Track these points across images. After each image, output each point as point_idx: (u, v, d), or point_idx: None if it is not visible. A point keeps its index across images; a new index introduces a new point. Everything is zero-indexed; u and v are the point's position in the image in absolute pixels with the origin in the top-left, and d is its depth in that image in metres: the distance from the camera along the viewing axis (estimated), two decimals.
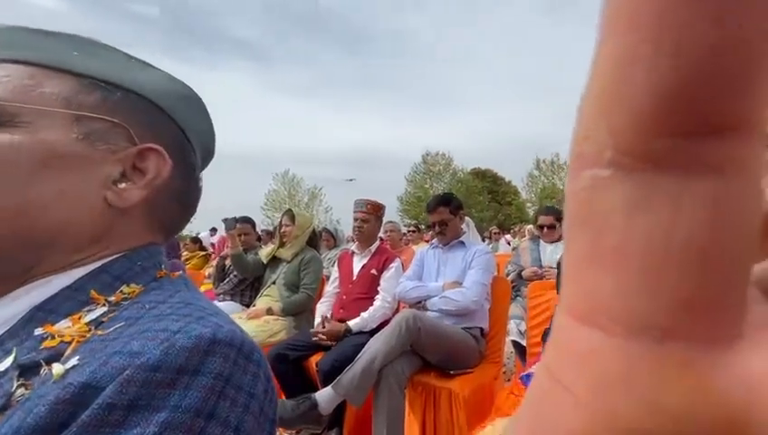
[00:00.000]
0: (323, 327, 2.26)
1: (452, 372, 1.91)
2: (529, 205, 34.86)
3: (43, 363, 0.32)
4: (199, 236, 6.69)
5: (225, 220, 3.01)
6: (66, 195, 0.40)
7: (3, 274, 0.39)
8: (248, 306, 2.95)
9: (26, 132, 0.38)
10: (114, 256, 0.43)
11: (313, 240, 3.13)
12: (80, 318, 0.36)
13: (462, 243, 2.25)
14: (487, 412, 1.93)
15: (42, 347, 0.34)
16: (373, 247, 2.59)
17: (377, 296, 2.40)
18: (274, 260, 3.00)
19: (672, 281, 0.07)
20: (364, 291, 2.44)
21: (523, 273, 2.94)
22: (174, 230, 0.52)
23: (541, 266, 2.86)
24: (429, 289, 2.12)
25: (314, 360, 2.16)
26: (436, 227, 2.23)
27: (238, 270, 3.05)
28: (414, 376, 1.90)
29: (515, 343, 2.66)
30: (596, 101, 0.08)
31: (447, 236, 2.24)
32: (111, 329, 0.34)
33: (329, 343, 2.20)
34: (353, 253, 2.66)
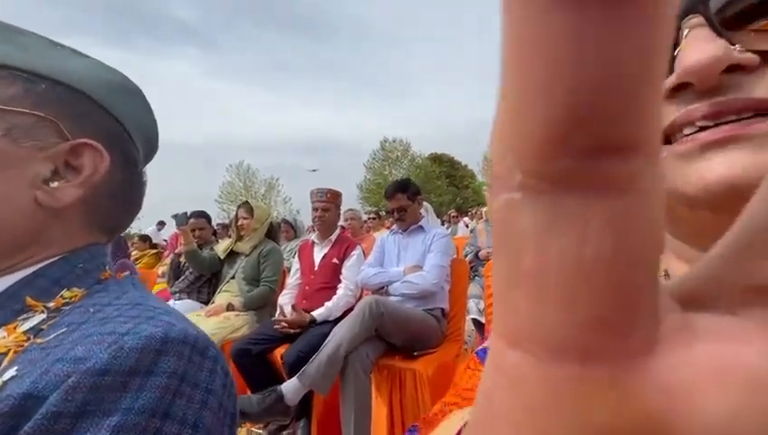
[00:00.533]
0: (285, 316, 2.24)
1: (415, 354, 1.96)
2: (485, 188, 35.95)
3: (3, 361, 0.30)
4: (147, 232, 6.34)
5: (176, 216, 2.87)
6: (42, 211, 0.37)
7: None
8: (207, 303, 2.86)
9: None
10: (51, 260, 0.40)
11: (272, 232, 3.07)
12: (15, 327, 0.34)
13: (421, 227, 2.29)
14: None
15: None
16: (333, 236, 2.58)
17: (339, 285, 2.40)
18: (232, 254, 2.91)
19: (585, 301, 0.07)
20: (326, 280, 2.44)
21: (479, 253, 3.05)
22: (117, 229, 0.50)
23: None
24: (391, 275, 2.16)
25: (278, 352, 2.14)
26: (395, 214, 2.25)
27: (194, 267, 2.94)
28: (379, 360, 1.94)
29: (475, 321, 2.78)
30: (504, 127, 0.08)
31: (407, 221, 2.27)
32: (52, 336, 0.32)
33: (292, 331, 2.18)
34: (314, 243, 2.63)
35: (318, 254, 2.56)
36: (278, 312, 2.43)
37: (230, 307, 2.61)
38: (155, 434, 0.28)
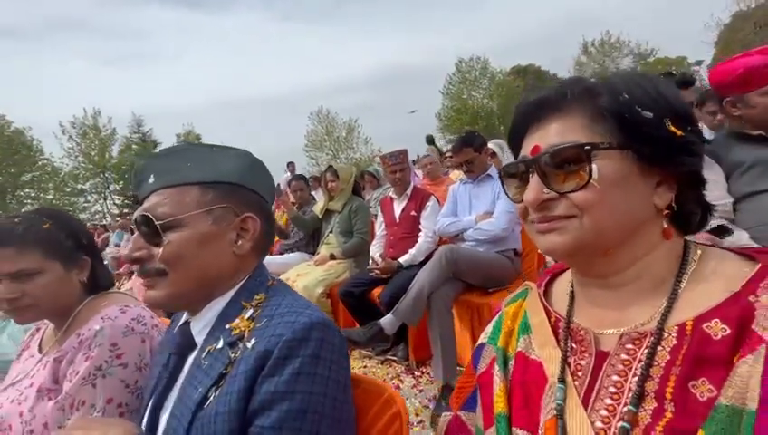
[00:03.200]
0: (377, 265, 2.67)
1: (490, 290, 2.25)
2: None
3: (239, 342, 0.67)
4: None
5: (275, 188, 3.40)
6: (216, 257, 0.73)
7: (197, 303, 0.74)
8: (313, 254, 3.44)
9: (188, 229, 0.70)
10: (244, 280, 0.77)
11: (357, 188, 3.47)
12: (243, 317, 0.71)
13: (489, 176, 2.45)
14: None
15: (233, 334, 0.69)
16: (409, 191, 2.87)
17: (419, 234, 2.73)
18: (327, 213, 3.40)
19: None
20: (408, 231, 2.78)
21: None
22: (267, 251, 0.85)
23: None
24: (464, 223, 2.41)
25: (376, 293, 2.59)
26: (464, 167, 2.44)
27: (300, 229, 3.50)
28: (459, 296, 2.27)
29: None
30: None
31: (475, 172, 2.45)
32: (262, 323, 0.68)
33: (384, 276, 2.61)
34: (392, 198, 2.96)
35: (397, 208, 2.90)
36: (371, 261, 2.87)
37: (332, 257, 3.14)
38: (316, 365, 0.62)
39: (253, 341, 0.64)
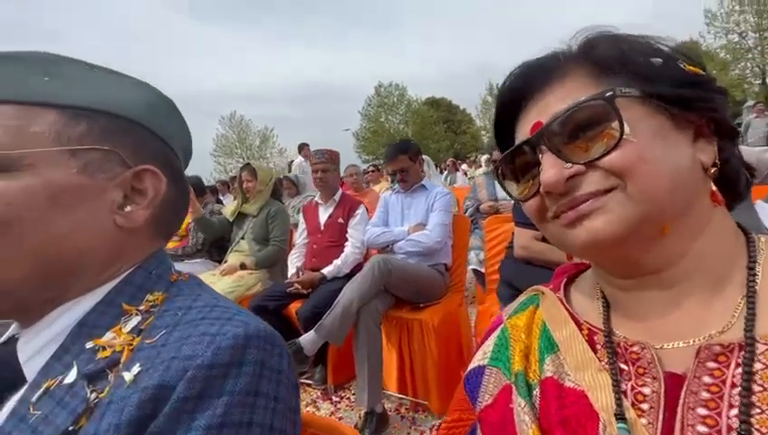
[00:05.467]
0: (298, 277, 2.38)
1: (422, 305, 2.12)
2: (483, 132, 35.33)
3: (108, 371, 0.39)
4: None
5: None
6: (80, 226, 0.44)
7: (32, 307, 0.44)
8: (219, 263, 3.00)
9: (32, 175, 0.41)
10: (130, 270, 0.48)
11: (276, 192, 3.14)
12: (120, 329, 0.43)
13: (423, 186, 2.36)
14: (455, 336, 2.19)
15: (98, 358, 0.40)
16: (337, 197, 2.65)
17: (346, 243, 2.52)
18: (240, 216, 3.00)
19: None
20: (333, 239, 2.55)
21: (480, 207, 3.14)
22: (172, 233, 0.57)
23: (496, 200, 3.06)
24: (395, 234, 2.26)
25: (293, 308, 2.29)
26: (398, 175, 2.31)
27: (206, 233, 3.03)
28: (388, 312, 2.09)
29: (475, 271, 2.93)
30: None
31: (409, 182, 2.34)
32: (157, 337, 0.41)
33: (305, 291, 2.33)
34: (317, 204, 2.71)
35: (323, 214, 2.65)
36: (290, 272, 2.57)
37: (243, 266, 2.75)
38: (252, 408, 0.38)
39: (136, 369, 0.38)
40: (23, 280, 0.41)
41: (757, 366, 0.34)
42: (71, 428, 0.35)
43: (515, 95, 0.44)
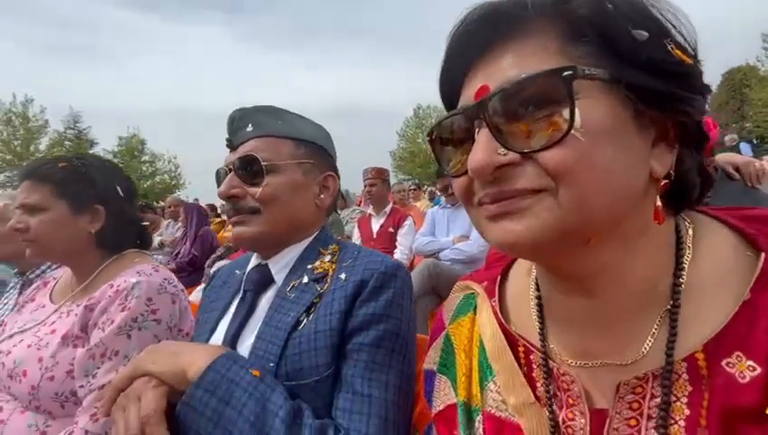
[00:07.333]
0: None
1: None
2: None
3: (325, 278, 0.73)
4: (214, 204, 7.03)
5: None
6: (297, 205, 0.80)
7: (278, 245, 0.79)
8: None
9: (284, 175, 0.77)
10: (317, 232, 0.84)
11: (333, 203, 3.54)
12: (323, 260, 0.77)
13: None
14: None
15: (316, 272, 0.75)
16: (387, 209, 3.01)
17: (395, 250, 2.85)
18: None
19: None
20: (384, 246, 2.89)
21: None
22: (330, 213, 0.92)
23: None
24: (441, 243, 2.57)
25: None
26: (449, 190, 2.64)
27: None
28: (433, 310, 2.39)
29: None
30: None
31: (455, 198, 2.66)
32: (349, 262, 0.75)
33: None
34: (370, 215, 3.08)
35: (375, 224, 3.01)
36: None
37: None
38: (402, 301, 0.69)
39: (344, 275, 0.72)
40: (279, 230, 0.77)
41: (672, 399, 0.34)
42: (314, 300, 0.70)
43: (466, 49, 0.37)
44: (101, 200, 1.01)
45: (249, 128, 0.79)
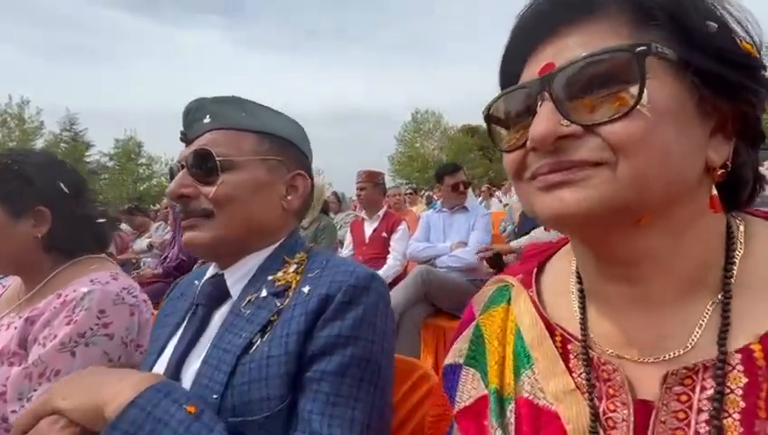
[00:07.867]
0: None
1: (458, 315, 2.29)
2: None
3: (286, 291, 0.63)
4: None
5: None
6: (266, 206, 0.69)
7: (235, 253, 0.69)
8: None
9: (244, 173, 0.67)
10: (284, 238, 0.73)
11: (326, 207, 3.44)
12: (287, 271, 0.67)
13: (465, 208, 2.57)
14: None
15: (277, 284, 0.64)
16: (381, 213, 2.91)
17: (389, 256, 2.75)
18: None
19: None
20: (377, 251, 2.79)
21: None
22: (303, 217, 0.82)
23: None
24: (438, 249, 2.47)
25: None
26: (460, 187, 2.55)
27: None
28: (427, 319, 2.28)
29: None
30: None
31: (466, 195, 2.57)
32: (315, 272, 0.64)
33: None
34: (363, 219, 2.98)
35: (368, 228, 2.91)
36: None
37: None
38: (374, 319, 0.59)
39: (307, 287, 0.61)
40: (235, 236, 0.66)
41: (727, 391, 0.33)
42: (271, 318, 0.59)
43: (532, 31, 0.38)
44: (43, 200, 0.88)
45: (206, 119, 0.69)
